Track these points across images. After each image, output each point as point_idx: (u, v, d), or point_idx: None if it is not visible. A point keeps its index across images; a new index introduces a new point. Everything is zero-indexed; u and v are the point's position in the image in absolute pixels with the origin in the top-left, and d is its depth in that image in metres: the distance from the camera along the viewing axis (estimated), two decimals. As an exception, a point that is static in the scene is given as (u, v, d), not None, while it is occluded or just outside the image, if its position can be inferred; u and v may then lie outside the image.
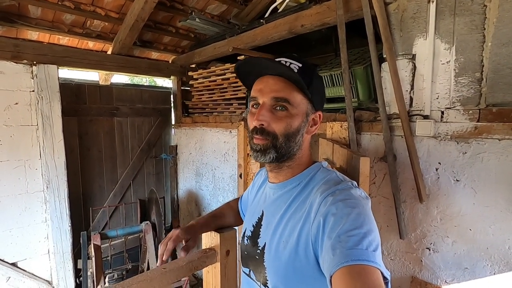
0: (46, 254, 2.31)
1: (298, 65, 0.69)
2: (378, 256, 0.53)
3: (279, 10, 1.99)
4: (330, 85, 1.77)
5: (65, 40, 2.45)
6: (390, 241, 1.52)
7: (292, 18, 1.89)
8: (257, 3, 2.48)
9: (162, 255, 0.83)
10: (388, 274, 0.53)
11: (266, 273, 0.71)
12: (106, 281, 2.36)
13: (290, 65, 0.68)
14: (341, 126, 1.64)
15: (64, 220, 2.32)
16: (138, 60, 2.84)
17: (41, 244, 2.27)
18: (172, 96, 3.27)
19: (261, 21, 2.11)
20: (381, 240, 0.65)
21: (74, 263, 2.42)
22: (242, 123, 2.28)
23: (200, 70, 2.78)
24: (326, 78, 1.76)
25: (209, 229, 0.96)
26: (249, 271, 0.79)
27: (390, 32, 1.40)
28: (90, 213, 2.64)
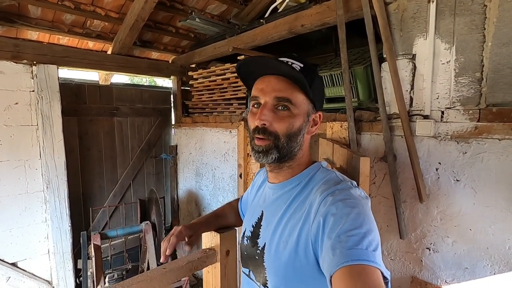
0: (46, 254, 2.31)
1: (299, 65, 0.69)
2: (378, 256, 0.53)
3: (279, 10, 1.99)
4: (330, 85, 1.77)
5: (65, 40, 2.45)
6: (390, 241, 1.52)
7: (292, 18, 1.89)
8: (257, 3, 2.48)
9: (165, 251, 0.82)
10: (388, 274, 0.53)
11: (266, 273, 0.71)
12: (106, 281, 2.36)
13: (292, 64, 0.68)
14: (341, 126, 1.64)
15: (64, 220, 2.32)
16: (138, 60, 2.84)
17: (41, 244, 2.27)
18: (172, 96, 3.27)
19: (261, 21, 2.11)
20: (381, 240, 0.65)
21: (74, 263, 2.42)
22: (242, 123, 2.28)
23: (200, 70, 2.78)
24: (326, 78, 1.76)
25: (210, 228, 0.96)
26: (248, 272, 0.79)
27: (390, 32, 1.40)
28: (90, 213, 2.64)
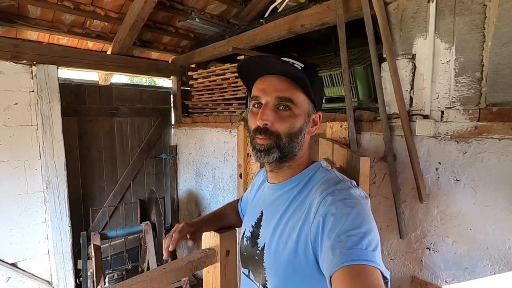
0: (46, 254, 2.31)
1: (300, 65, 0.68)
2: (378, 255, 0.53)
3: (279, 10, 1.99)
4: (330, 85, 1.76)
5: (64, 40, 2.45)
6: (390, 241, 1.52)
7: (291, 18, 1.89)
8: (256, 3, 2.48)
9: (168, 247, 0.82)
10: (387, 274, 0.53)
11: (265, 273, 0.71)
12: (106, 281, 2.36)
13: (293, 64, 0.68)
14: (341, 126, 1.64)
15: (64, 220, 2.32)
16: (137, 60, 2.84)
17: (41, 244, 2.27)
18: (172, 96, 3.27)
19: (260, 21, 2.11)
20: (381, 240, 0.65)
21: (74, 264, 2.42)
22: (242, 123, 2.28)
23: (200, 70, 2.78)
24: (326, 78, 1.76)
25: (211, 227, 0.96)
26: (248, 272, 0.79)
27: (390, 31, 1.40)
28: (90, 213, 2.64)
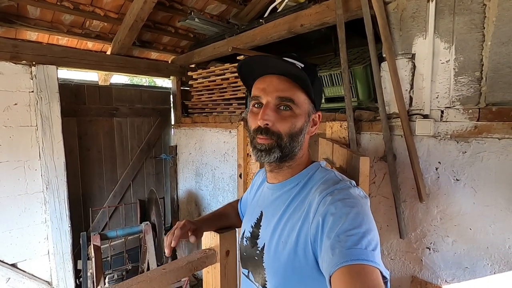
0: (46, 255, 2.30)
1: (300, 65, 0.68)
2: (377, 255, 0.53)
3: (279, 10, 1.99)
4: (330, 84, 1.76)
5: (64, 40, 2.45)
6: (390, 240, 1.52)
7: (291, 17, 1.89)
8: (256, 3, 2.47)
9: (170, 243, 0.82)
10: (387, 274, 0.53)
11: (265, 273, 0.71)
12: (106, 281, 2.36)
13: (294, 64, 0.68)
14: (340, 126, 1.64)
15: (64, 220, 2.32)
16: (137, 60, 2.84)
17: (40, 245, 2.27)
18: (171, 96, 3.27)
19: (260, 21, 2.11)
20: (381, 239, 0.65)
21: (74, 264, 2.42)
22: (242, 123, 2.28)
23: (199, 70, 2.78)
24: (325, 77, 1.76)
25: (211, 226, 0.96)
26: (248, 272, 0.79)
27: (389, 31, 1.40)
28: (90, 213, 2.64)
